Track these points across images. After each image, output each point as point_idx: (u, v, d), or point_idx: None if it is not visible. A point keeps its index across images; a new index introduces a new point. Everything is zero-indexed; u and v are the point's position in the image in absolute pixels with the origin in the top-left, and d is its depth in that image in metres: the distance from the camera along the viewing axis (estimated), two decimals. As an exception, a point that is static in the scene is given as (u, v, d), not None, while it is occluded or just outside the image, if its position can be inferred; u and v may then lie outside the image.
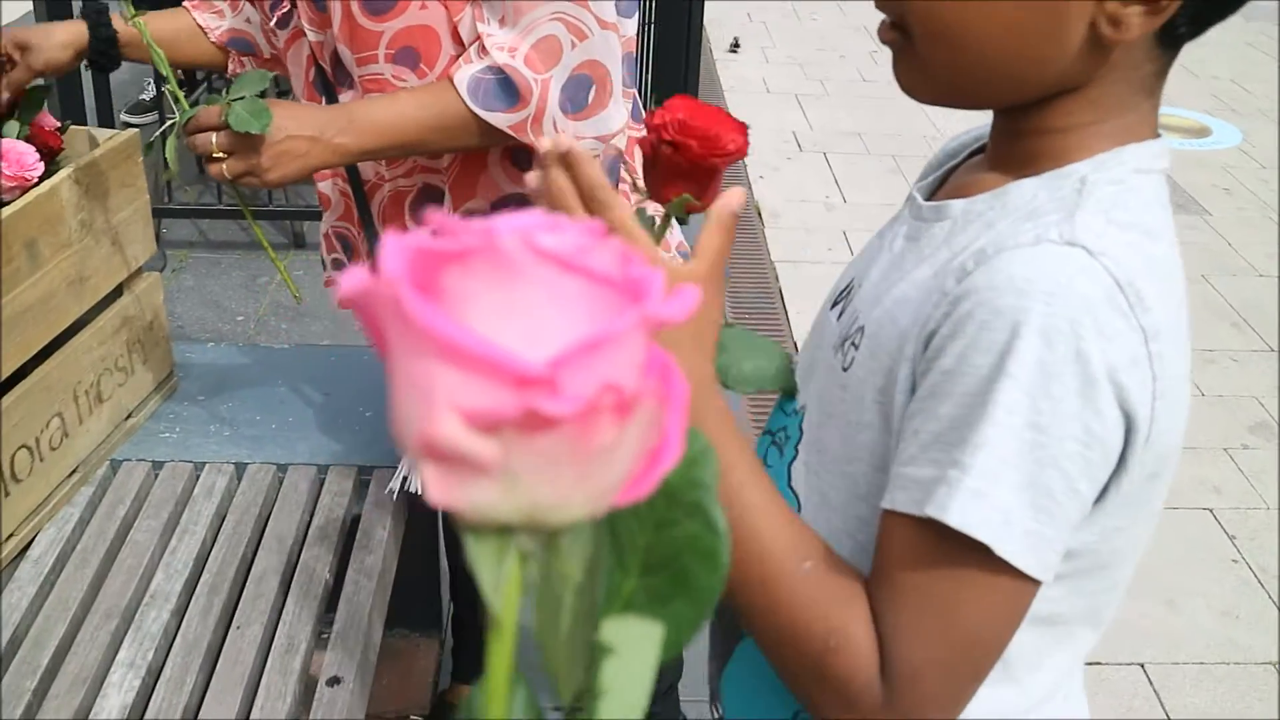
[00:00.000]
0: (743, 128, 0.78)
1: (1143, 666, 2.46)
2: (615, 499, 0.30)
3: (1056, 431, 0.73)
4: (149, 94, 4.46)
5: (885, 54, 0.83)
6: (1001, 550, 0.73)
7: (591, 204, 0.73)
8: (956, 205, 0.84)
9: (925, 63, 0.80)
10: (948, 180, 0.93)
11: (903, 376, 0.80)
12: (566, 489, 0.28)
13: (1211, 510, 2.91)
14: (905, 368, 0.79)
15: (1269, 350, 3.60)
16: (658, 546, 0.36)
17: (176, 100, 1.34)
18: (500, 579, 0.29)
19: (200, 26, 1.64)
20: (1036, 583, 0.75)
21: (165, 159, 1.34)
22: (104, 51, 1.55)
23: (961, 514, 0.73)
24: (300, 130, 1.31)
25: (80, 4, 1.56)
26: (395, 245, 0.28)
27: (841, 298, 0.95)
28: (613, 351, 0.27)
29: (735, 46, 6.12)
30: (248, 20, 1.64)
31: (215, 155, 1.29)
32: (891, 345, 0.82)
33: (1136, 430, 0.74)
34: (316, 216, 3.54)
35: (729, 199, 0.77)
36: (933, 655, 0.76)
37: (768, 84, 5.72)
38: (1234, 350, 3.58)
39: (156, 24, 1.54)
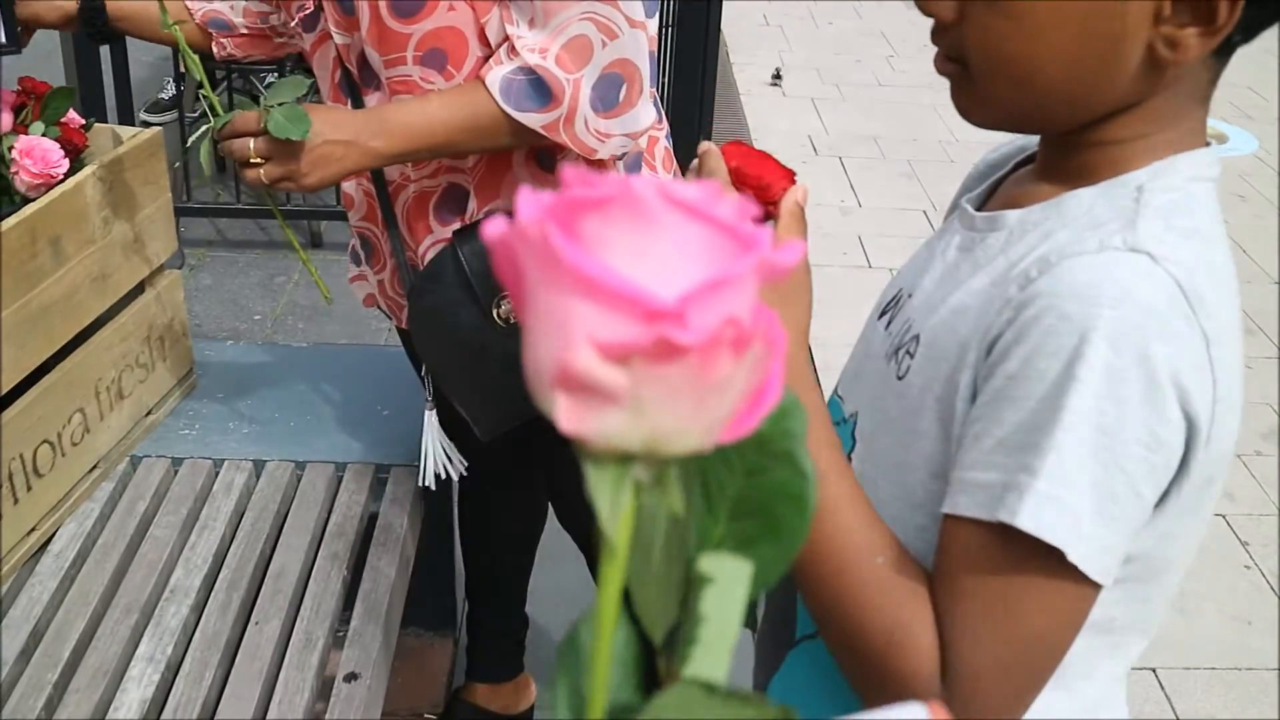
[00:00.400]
0: (790, 174, 0.82)
1: (1154, 671, 2.46)
2: (722, 435, 0.33)
3: (1122, 435, 0.73)
4: (168, 93, 4.48)
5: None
6: (1073, 555, 0.73)
7: None
8: (1011, 216, 0.84)
9: (984, 93, 0.81)
10: (996, 191, 0.94)
11: (964, 384, 0.80)
12: (685, 418, 0.31)
13: (1224, 516, 2.90)
14: (967, 375, 0.80)
15: (1283, 357, 3.59)
16: (748, 493, 0.39)
17: (212, 107, 1.35)
18: (617, 506, 0.32)
19: (188, 8, 1.66)
20: (1097, 587, 0.75)
21: (200, 162, 1.35)
22: (91, 21, 1.57)
23: (1034, 519, 0.73)
24: (336, 135, 1.32)
25: None
26: (532, 197, 0.30)
27: (890, 307, 0.96)
28: (732, 292, 0.30)
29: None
30: (231, 7, 1.66)
31: (252, 160, 1.30)
32: (951, 354, 0.82)
33: (1198, 433, 0.75)
34: (333, 216, 3.57)
35: (795, 193, 0.84)
36: (994, 659, 0.76)
37: (783, 88, 5.72)
38: (1247, 357, 3.51)
39: (152, 6, 1.55)
